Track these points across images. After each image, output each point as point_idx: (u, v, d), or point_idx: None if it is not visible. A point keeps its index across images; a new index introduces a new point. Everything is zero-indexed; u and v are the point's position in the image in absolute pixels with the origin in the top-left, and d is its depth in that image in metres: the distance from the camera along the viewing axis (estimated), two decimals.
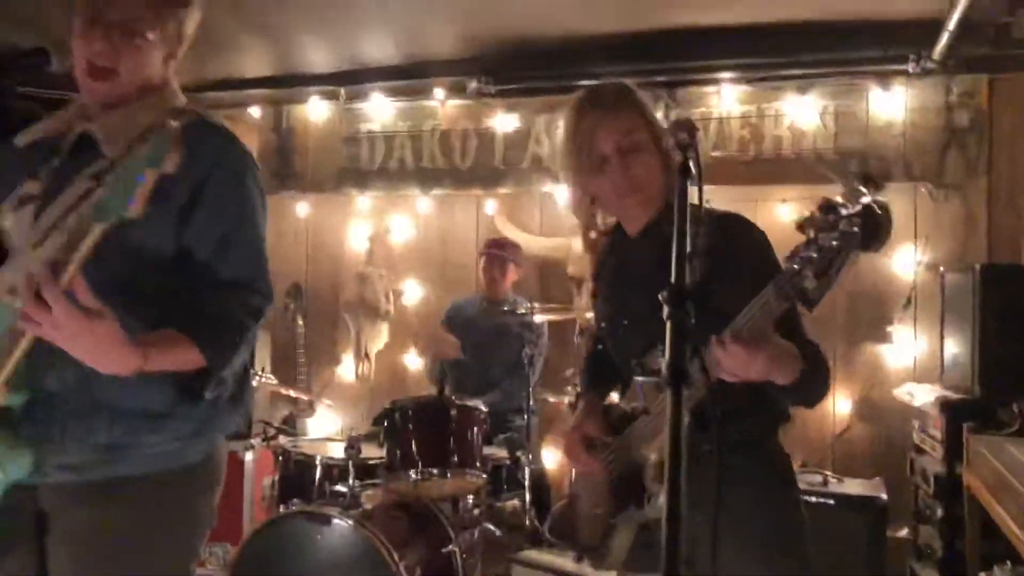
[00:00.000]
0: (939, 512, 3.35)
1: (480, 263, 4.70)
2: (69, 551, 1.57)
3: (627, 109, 1.81)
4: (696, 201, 1.32)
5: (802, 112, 4.58)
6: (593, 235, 1.97)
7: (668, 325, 1.07)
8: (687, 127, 1.27)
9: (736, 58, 4.52)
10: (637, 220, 1.87)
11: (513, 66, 4.75)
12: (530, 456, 3.66)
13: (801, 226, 1.31)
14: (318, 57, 4.83)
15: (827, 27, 4.16)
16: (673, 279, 1.13)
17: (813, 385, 1.62)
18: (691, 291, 1.10)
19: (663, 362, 1.05)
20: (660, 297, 1.12)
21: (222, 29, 4.29)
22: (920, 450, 3.70)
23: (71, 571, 1.57)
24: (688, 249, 1.20)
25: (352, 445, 3.28)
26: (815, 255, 1.31)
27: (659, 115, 4.87)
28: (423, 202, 5.29)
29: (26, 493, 1.55)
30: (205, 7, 1.74)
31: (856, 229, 1.26)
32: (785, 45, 4.31)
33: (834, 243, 1.28)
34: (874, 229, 1.26)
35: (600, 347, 2.11)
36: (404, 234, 5.36)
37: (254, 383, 3.38)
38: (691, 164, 1.27)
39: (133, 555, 1.57)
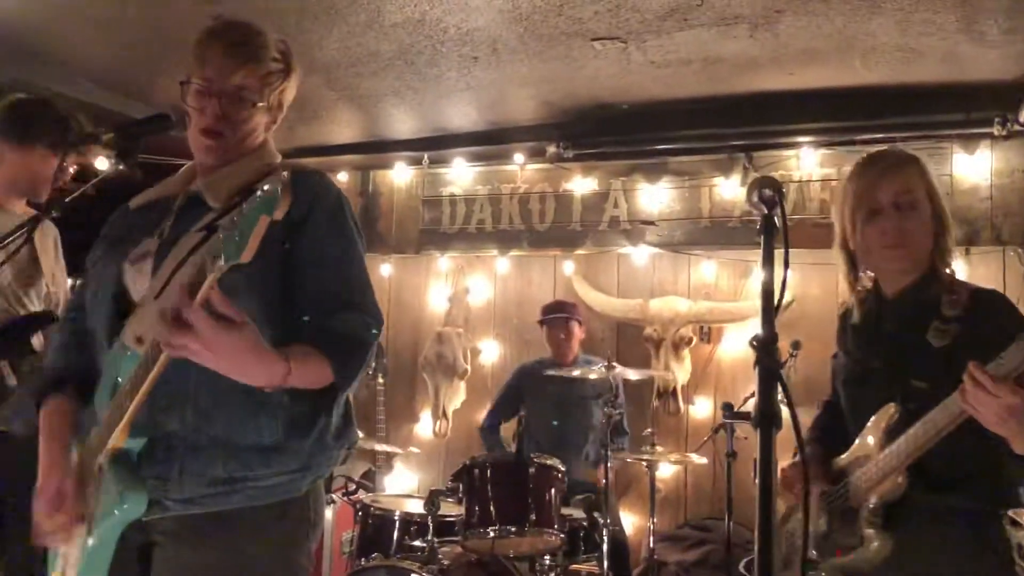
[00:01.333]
0: None
1: (544, 332, 4.74)
2: None
3: (911, 170, 1.90)
4: (784, 258, 1.34)
5: None
6: (859, 289, 2.00)
7: (757, 370, 1.10)
8: (771, 184, 1.30)
9: (815, 122, 4.53)
10: (896, 280, 1.92)
11: (591, 131, 4.85)
12: (608, 519, 3.62)
13: None
14: (404, 124, 5.02)
15: (908, 91, 4.16)
16: (762, 327, 1.16)
17: None
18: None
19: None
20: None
21: (316, 99, 4.51)
22: (1015, 523, 3.55)
23: None
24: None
25: (431, 500, 3.32)
26: None
27: (740, 177, 4.80)
28: (501, 263, 5.39)
29: (133, 529, 1.61)
30: (302, 78, 1.87)
31: None
32: (865, 109, 4.31)
33: None
34: None
35: (835, 401, 2.13)
36: (482, 294, 5.46)
37: None
38: (776, 220, 1.30)
39: None
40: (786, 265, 1.18)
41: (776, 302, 1.16)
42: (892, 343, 1.86)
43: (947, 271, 1.88)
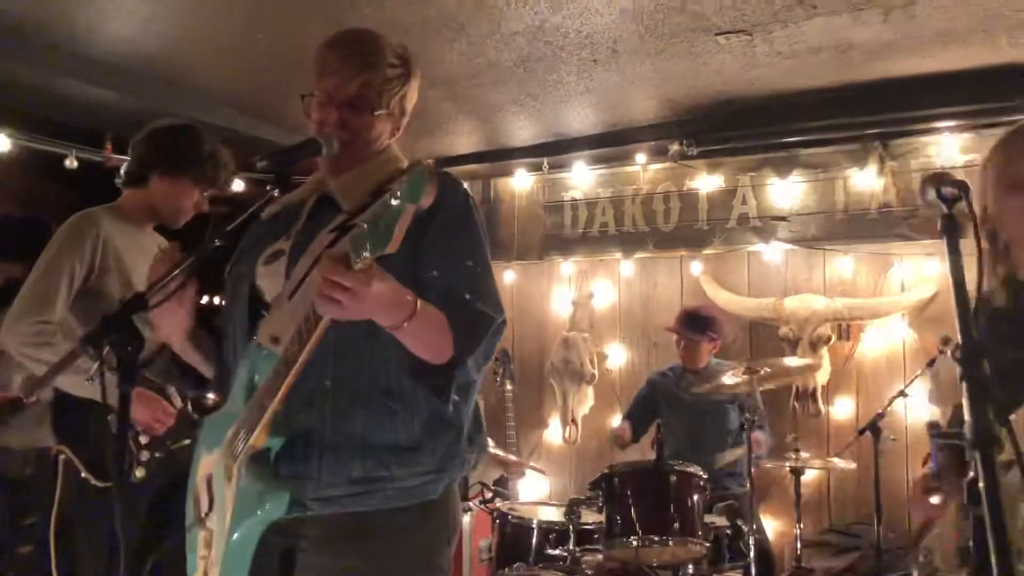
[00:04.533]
0: None
1: (674, 338, 4.64)
2: None
3: None
4: (978, 258, 1.24)
5: None
6: (1000, 269, 1.85)
7: (965, 386, 1.02)
8: (957, 183, 1.22)
9: (956, 105, 4.29)
10: None
11: (715, 127, 4.74)
12: (753, 526, 3.52)
13: None
14: (524, 131, 5.02)
15: None
16: (962, 337, 1.08)
17: None
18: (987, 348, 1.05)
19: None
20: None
21: (437, 112, 4.57)
22: None
23: None
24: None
25: (572, 509, 3.30)
26: None
27: (876, 167, 4.57)
28: (626, 266, 5.33)
29: (275, 533, 1.63)
30: (423, 93, 1.87)
31: None
32: (1013, 88, 4.05)
33: None
34: None
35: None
36: (607, 298, 5.41)
37: None
38: (957, 219, 1.22)
39: None
40: (981, 267, 1.09)
41: (970, 304, 1.08)
42: None
43: None
